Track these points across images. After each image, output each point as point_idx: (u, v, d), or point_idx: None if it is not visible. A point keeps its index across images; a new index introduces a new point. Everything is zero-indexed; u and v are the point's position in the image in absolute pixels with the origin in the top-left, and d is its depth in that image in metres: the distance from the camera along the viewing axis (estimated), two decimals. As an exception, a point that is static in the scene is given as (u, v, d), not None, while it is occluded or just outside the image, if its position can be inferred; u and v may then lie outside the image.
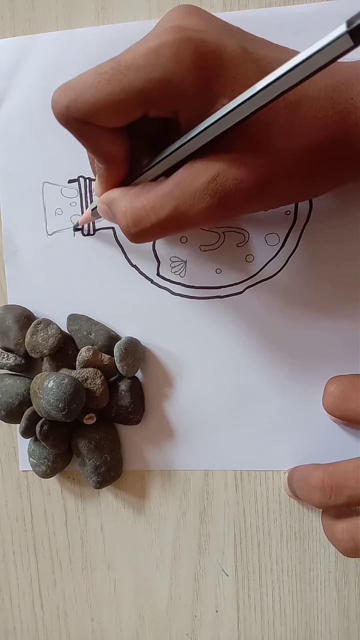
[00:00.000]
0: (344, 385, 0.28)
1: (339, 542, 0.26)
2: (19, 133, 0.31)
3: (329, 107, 0.21)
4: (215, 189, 0.21)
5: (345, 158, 0.22)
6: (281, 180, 0.22)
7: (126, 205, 0.23)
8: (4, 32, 0.31)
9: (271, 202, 0.23)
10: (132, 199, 0.23)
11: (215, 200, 0.21)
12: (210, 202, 0.21)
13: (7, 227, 0.32)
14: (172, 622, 0.33)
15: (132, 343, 0.30)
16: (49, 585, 0.34)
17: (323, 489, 0.25)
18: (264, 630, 0.32)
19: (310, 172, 0.22)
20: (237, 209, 0.22)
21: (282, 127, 0.21)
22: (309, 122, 0.21)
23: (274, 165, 0.21)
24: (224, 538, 0.32)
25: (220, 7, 0.29)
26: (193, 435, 0.31)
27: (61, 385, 0.27)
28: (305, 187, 0.23)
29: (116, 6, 0.30)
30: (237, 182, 0.21)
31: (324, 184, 0.24)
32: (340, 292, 0.29)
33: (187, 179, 0.22)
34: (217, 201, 0.21)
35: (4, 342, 0.31)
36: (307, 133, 0.21)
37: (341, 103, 0.21)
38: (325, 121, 0.21)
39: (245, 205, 0.22)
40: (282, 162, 0.21)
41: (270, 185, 0.22)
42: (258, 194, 0.22)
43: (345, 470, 0.25)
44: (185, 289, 0.31)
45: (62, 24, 0.31)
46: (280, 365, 0.30)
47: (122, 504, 0.32)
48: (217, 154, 0.21)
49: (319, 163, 0.22)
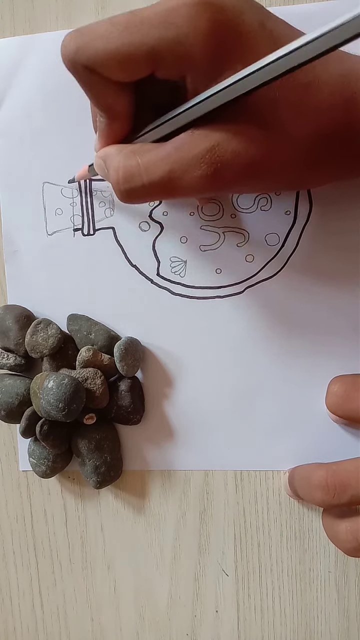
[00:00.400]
0: (347, 385, 0.28)
1: (343, 542, 0.26)
2: (19, 133, 0.31)
3: (337, 95, 0.21)
4: (212, 158, 0.21)
5: (349, 149, 0.22)
6: (280, 160, 0.22)
7: (120, 161, 0.23)
8: (4, 32, 0.31)
9: (266, 183, 0.23)
10: (127, 155, 0.23)
11: (210, 170, 0.21)
12: (205, 170, 0.21)
13: (7, 227, 0.32)
14: (172, 622, 0.33)
15: (132, 343, 0.30)
16: (49, 585, 0.34)
17: (326, 488, 0.25)
18: (264, 630, 0.32)
19: (312, 158, 0.22)
20: (230, 183, 0.22)
21: (289, 107, 0.21)
22: (316, 106, 0.21)
23: (275, 144, 0.21)
24: (224, 538, 0.32)
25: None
26: (193, 435, 0.31)
27: (61, 385, 0.27)
28: (304, 173, 0.23)
29: (116, 6, 0.30)
30: (235, 154, 0.21)
31: (323, 174, 0.24)
32: (340, 292, 0.29)
33: (186, 145, 0.21)
34: (213, 171, 0.21)
35: (4, 342, 0.31)
36: (314, 117, 0.21)
37: (348, 92, 0.21)
38: (333, 108, 0.21)
39: (240, 180, 0.22)
40: (284, 142, 0.21)
41: (268, 164, 0.22)
42: (254, 171, 0.22)
43: (348, 470, 0.25)
44: (185, 289, 0.31)
45: (62, 24, 0.31)
46: (280, 365, 0.30)
47: (122, 504, 0.32)
48: (219, 124, 0.21)
49: (322, 150, 0.22)
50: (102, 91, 0.22)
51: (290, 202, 0.29)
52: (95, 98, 0.23)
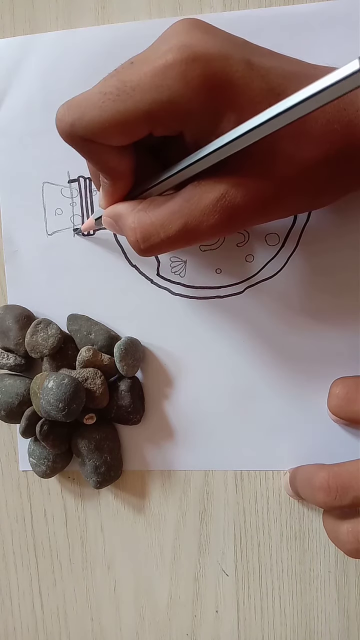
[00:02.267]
0: (349, 387, 0.28)
1: (344, 543, 0.26)
2: (19, 133, 0.31)
3: (334, 121, 0.21)
4: (223, 206, 0.21)
5: (351, 171, 0.23)
6: (288, 195, 0.22)
7: (134, 222, 0.23)
8: (4, 32, 0.31)
9: (278, 215, 0.24)
10: (140, 215, 0.23)
11: (224, 217, 0.21)
12: (219, 218, 0.22)
13: (7, 227, 0.32)
14: (172, 622, 0.33)
15: (132, 343, 0.30)
16: (49, 585, 0.34)
17: (328, 490, 0.25)
18: (264, 630, 0.32)
19: (317, 186, 0.23)
20: (245, 224, 0.23)
21: (289, 142, 0.21)
22: (315, 137, 0.21)
23: (282, 177, 0.22)
24: (224, 538, 0.32)
25: (220, 7, 0.29)
26: (193, 435, 0.31)
27: (61, 385, 0.27)
28: (312, 200, 0.24)
29: (116, 6, 0.30)
30: (245, 198, 0.21)
31: (330, 196, 0.24)
32: (340, 291, 0.29)
33: (196, 197, 0.22)
34: (227, 217, 0.22)
35: (4, 342, 0.31)
36: (313, 148, 0.21)
37: (347, 116, 0.21)
38: (331, 135, 0.21)
39: (254, 219, 0.23)
40: (288, 179, 0.22)
41: (277, 201, 0.22)
42: (266, 209, 0.22)
43: (350, 471, 0.25)
44: (185, 289, 0.31)
45: (62, 24, 0.31)
46: (280, 365, 0.30)
47: (122, 504, 0.32)
48: (224, 172, 0.22)
49: (326, 177, 0.22)
50: (103, 157, 0.23)
51: (290, 202, 0.29)
52: (97, 164, 0.23)
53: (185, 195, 0.22)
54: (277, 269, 0.30)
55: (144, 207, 0.23)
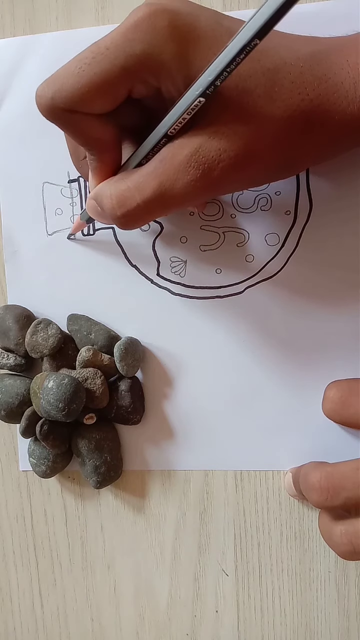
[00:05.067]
0: (343, 390, 0.28)
1: (337, 545, 0.26)
2: (19, 133, 0.31)
3: (307, 74, 0.21)
4: (198, 161, 0.21)
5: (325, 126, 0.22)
6: (263, 148, 0.22)
7: (110, 189, 0.23)
8: (4, 32, 0.31)
9: (255, 175, 0.24)
10: (117, 183, 0.23)
11: (199, 172, 0.21)
12: (194, 174, 0.21)
13: (7, 227, 0.32)
14: (172, 622, 0.33)
15: (132, 343, 0.30)
16: (49, 585, 0.34)
17: (320, 490, 0.25)
18: (264, 630, 0.32)
19: (292, 141, 0.22)
20: (221, 181, 0.22)
21: (261, 94, 0.21)
22: (287, 88, 0.21)
23: (255, 132, 0.22)
24: (224, 538, 0.32)
25: (220, 7, 0.29)
26: (193, 435, 0.31)
27: (61, 385, 0.27)
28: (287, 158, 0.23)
29: (116, 6, 0.30)
30: (219, 152, 0.21)
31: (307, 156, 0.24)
32: (340, 291, 0.29)
33: (170, 155, 0.22)
34: (201, 173, 0.21)
35: (4, 342, 0.31)
36: (286, 99, 0.21)
37: (320, 70, 0.22)
38: (303, 87, 0.21)
39: (229, 176, 0.22)
40: (262, 129, 0.22)
41: (252, 154, 0.22)
42: (241, 164, 0.22)
43: (342, 472, 0.25)
44: (185, 289, 0.31)
45: (62, 24, 0.31)
46: (280, 365, 0.30)
47: (122, 504, 0.32)
48: (198, 129, 0.22)
49: (300, 131, 0.22)
50: (86, 128, 0.23)
51: (290, 202, 0.29)
52: (81, 137, 0.23)
53: (160, 156, 0.22)
54: (277, 269, 0.30)
55: (120, 176, 0.23)
